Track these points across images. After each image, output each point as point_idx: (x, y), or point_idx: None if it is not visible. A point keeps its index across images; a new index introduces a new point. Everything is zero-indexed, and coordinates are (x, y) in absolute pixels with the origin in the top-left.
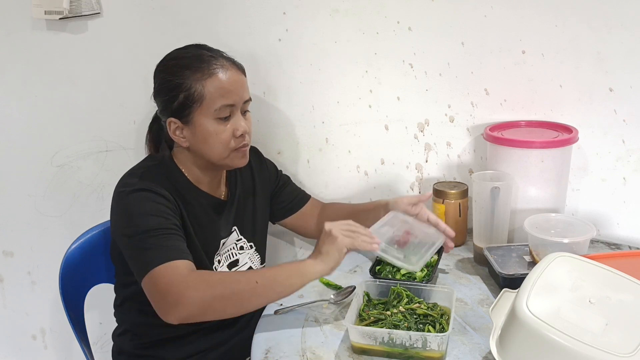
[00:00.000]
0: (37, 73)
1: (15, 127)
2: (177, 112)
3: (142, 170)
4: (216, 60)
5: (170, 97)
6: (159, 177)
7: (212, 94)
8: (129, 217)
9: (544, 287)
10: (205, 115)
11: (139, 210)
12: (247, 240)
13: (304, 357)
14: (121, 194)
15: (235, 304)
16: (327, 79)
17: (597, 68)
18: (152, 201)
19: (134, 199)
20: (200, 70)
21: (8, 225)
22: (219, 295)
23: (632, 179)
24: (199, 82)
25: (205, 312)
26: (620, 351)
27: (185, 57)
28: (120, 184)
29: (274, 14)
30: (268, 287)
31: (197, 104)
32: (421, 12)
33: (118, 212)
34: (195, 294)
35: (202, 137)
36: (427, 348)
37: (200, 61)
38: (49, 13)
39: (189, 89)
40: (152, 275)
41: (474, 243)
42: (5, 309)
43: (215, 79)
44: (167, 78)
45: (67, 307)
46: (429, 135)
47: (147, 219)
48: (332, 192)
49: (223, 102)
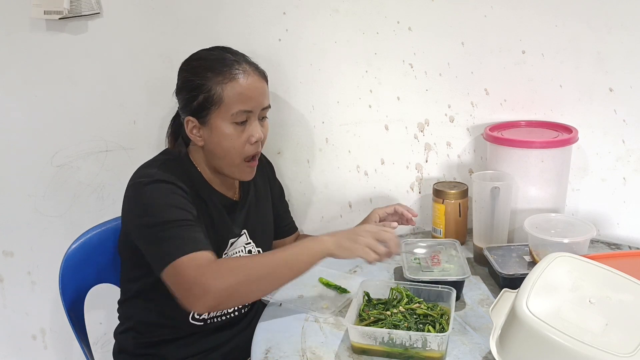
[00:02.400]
0: (37, 73)
1: (15, 127)
2: (195, 111)
3: (159, 163)
4: (239, 64)
5: (191, 96)
6: (176, 170)
7: (231, 98)
8: (148, 208)
9: (544, 287)
10: (222, 118)
11: (159, 201)
12: (255, 244)
13: (303, 357)
14: (139, 184)
15: (259, 287)
16: (327, 79)
17: (597, 68)
18: (171, 192)
19: (153, 190)
20: (222, 74)
21: (8, 225)
22: (244, 281)
23: (632, 179)
24: (219, 85)
25: (231, 299)
26: (620, 351)
27: (209, 58)
28: (138, 175)
29: (274, 14)
30: (289, 269)
31: (215, 106)
32: (421, 12)
33: (135, 202)
34: (220, 283)
35: (217, 139)
36: (427, 348)
37: (222, 64)
38: (49, 13)
39: (208, 90)
40: (175, 266)
41: (474, 243)
42: (5, 309)
43: (235, 83)
44: (189, 77)
45: (67, 307)
46: (429, 135)
47: (168, 210)
48: (332, 192)
49: (241, 107)
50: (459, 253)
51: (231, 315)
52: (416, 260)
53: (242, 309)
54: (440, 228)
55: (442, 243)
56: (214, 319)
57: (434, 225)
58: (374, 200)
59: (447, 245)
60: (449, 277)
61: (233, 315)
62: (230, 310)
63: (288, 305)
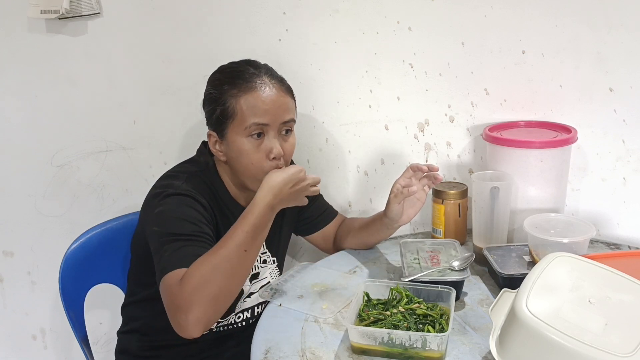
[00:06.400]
0: (37, 73)
1: (15, 127)
2: (215, 125)
3: (186, 175)
4: (258, 77)
5: (210, 109)
6: (201, 184)
7: (245, 111)
8: (162, 217)
9: (543, 287)
10: (237, 132)
11: (174, 213)
12: (271, 254)
13: (303, 357)
14: (162, 193)
15: (238, 281)
16: (327, 79)
17: (597, 68)
18: (190, 207)
19: (174, 201)
20: (237, 86)
21: (8, 225)
22: (221, 285)
23: (632, 179)
24: (234, 97)
25: (217, 309)
26: (620, 351)
27: (228, 71)
28: (164, 184)
29: (274, 14)
30: (253, 245)
31: (231, 119)
32: (421, 12)
33: (152, 210)
34: (197, 309)
35: (234, 155)
36: (427, 348)
37: (239, 77)
38: (45, 12)
39: (224, 103)
40: (164, 281)
41: (473, 243)
42: (5, 309)
43: (249, 96)
44: (209, 90)
45: (67, 307)
46: (429, 135)
47: (179, 223)
48: (332, 192)
49: (255, 119)
50: (458, 253)
51: (238, 325)
52: (416, 260)
53: (250, 319)
54: (440, 228)
55: (441, 243)
56: (220, 328)
57: (434, 226)
58: (374, 200)
59: (446, 246)
60: (449, 277)
61: (240, 325)
62: (239, 320)
63: (288, 306)
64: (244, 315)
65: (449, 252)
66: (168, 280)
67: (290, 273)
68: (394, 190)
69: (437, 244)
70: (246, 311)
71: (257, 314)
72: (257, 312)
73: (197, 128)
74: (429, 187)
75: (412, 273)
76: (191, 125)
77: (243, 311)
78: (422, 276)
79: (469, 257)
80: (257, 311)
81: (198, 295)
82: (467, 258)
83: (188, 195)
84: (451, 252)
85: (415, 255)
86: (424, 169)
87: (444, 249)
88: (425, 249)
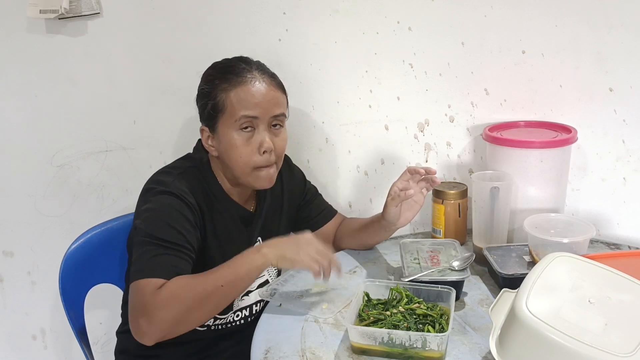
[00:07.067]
0: (37, 73)
1: (15, 127)
2: (207, 120)
3: (179, 171)
4: (249, 72)
5: (202, 104)
6: (194, 181)
7: (235, 104)
8: (152, 215)
9: (543, 287)
10: (227, 125)
11: (163, 216)
12: None
13: (303, 357)
14: (152, 190)
15: (206, 312)
16: (327, 79)
17: (597, 68)
18: (178, 211)
19: (161, 201)
20: (228, 81)
21: (8, 225)
22: (190, 308)
23: (632, 179)
24: (225, 91)
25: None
26: (620, 351)
27: (220, 67)
28: (155, 180)
29: (274, 14)
30: (232, 286)
31: (221, 113)
32: (421, 12)
33: (141, 205)
34: (163, 316)
35: (224, 148)
36: (427, 348)
37: (230, 72)
38: (44, 12)
39: (214, 97)
40: (138, 284)
41: (473, 243)
42: (5, 309)
43: (239, 89)
44: (201, 86)
45: (67, 307)
46: (429, 135)
47: (163, 228)
48: (332, 192)
49: (244, 112)
50: (458, 253)
51: (237, 323)
52: (416, 260)
53: (249, 317)
54: (440, 228)
55: (441, 243)
56: (218, 326)
57: (434, 226)
58: (374, 200)
59: (446, 246)
60: (449, 277)
61: (239, 323)
62: (237, 318)
63: (288, 306)
64: (242, 313)
65: (449, 252)
66: (143, 284)
67: (290, 273)
68: (391, 193)
69: (437, 244)
70: (244, 309)
71: (256, 313)
72: (256, 311)
73: (197, 128)
74: (426, 190)
75: (412, 273)
76: (191, 125)
77: (241, 309)
78: (422, 276)
79: (469, 257)
80: (256, 309)
81: (168, 311)
82: (467, 258)
83: (177, 195)
84: (451, 252)
85: (415, 255)
86: (421, 172)
87: (444, 249)
88: (425, 249)
